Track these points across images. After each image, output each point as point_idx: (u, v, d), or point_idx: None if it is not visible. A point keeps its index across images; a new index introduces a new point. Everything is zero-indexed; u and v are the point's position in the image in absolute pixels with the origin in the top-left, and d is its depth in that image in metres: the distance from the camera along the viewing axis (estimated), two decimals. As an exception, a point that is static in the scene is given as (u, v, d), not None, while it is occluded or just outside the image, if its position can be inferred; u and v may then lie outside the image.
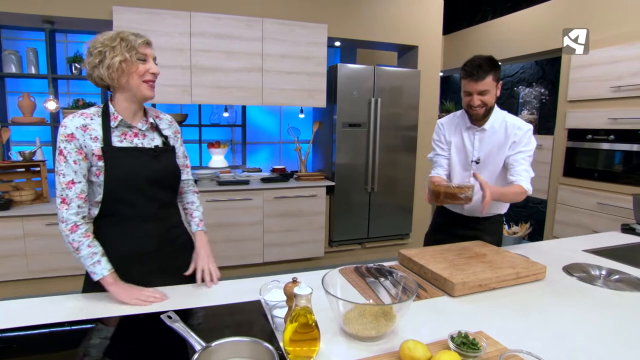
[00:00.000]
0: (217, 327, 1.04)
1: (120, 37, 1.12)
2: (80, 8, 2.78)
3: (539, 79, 4.25)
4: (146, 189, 1.20)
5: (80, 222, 1.13)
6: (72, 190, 1.12)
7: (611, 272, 1.43)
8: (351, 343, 0.95)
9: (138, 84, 1.15)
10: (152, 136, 1.26)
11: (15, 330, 0.95)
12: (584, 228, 3.18)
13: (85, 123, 1.14)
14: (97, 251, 1.13)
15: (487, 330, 0.99)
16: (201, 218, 1.42)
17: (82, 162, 1.13)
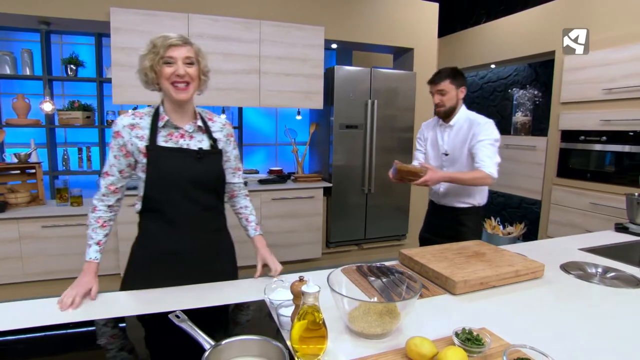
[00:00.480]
0: (224, 327, 1.05)
1: (152, 40, 1.16)
2: (77, 9, 2.77)
3: (532, 81, 4.32)
4: (186, 189, 1.22)
5: (100, 207, 1.24)
6: (104, 180, 1.23)
7: (607, 269, 1.46)
8: (357, 341, 0.96)
9: (167, 87, 1.17)
10: (200, 138, 1.27)
11: (22, 333, 0.95)
12: (578, 228, 3.23)
13: (134, 122, 1.20)
14: (95, 238, 1.22)
15: (489, 326, 1.00)
16: (257, 222, 1.47)
17: (122, 158, 1.21)
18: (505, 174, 4.06)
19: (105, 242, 1.25)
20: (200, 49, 1.25)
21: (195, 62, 1.19)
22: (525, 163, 3.80)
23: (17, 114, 3.23)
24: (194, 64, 1.19)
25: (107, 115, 3.55)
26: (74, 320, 1.00)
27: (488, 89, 4.93)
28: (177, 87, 1.17)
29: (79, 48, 3.52)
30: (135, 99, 2.96)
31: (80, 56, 3.41)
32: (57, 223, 2.72)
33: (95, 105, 3.49)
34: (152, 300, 1.14)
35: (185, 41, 1.18)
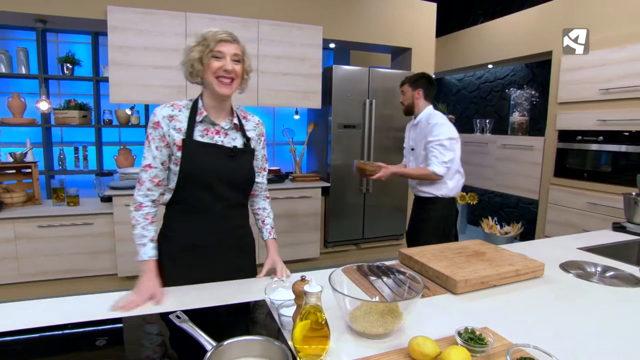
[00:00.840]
0: (225, 327, 1.04)
1: (202, 33, 1.17)
2: (74, 7, 2.74)
3: (529, 81, 4.34)
4: (217, 186, 1.23)
5: (145, 204, 1.21)
6: (147, 173, 1.21)
7: (606, 268, 1.47)
8: (359, 341, 0.95)
9: (212, 80, 1.17)
10: (235, 136, 1.28)
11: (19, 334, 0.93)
12: (575, 227, 3.25)
13: (173, 114, 1.20)
14: (148, 235, 1.19)
15: (491, 326, 1.00)
16: (272, 225, 1.45)
17: (163, 149, 1.20)
18: (502, 173, 4.08)
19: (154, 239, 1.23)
20: (246, 48, 1.26)
21: (241, 60, 1.21)
22: (522, 163, 3.81)
23: (12, 113, 3.19)
24: (240, 61, 1.21)
25: (104, 115, 3.53)
26: (72, 321, 0.99)
27: (485, 89, 4.94)
28: (222, 82, 1.18)
29: (75, 47, 3.49)
30: (132, 97, 2.94)
31: (76, 55, 3.38)
32: (53, 223, 2.70)
33: (91, 105, 3.47)
34: (151, 300, 1.13)
35: (235, 38, 1.20)
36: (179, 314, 0.92)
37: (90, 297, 1.14)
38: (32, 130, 3.38)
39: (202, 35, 1.16)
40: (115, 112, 3.48)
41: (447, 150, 2.21)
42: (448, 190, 2.32)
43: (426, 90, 2.38)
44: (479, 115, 4.91)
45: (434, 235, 2.32)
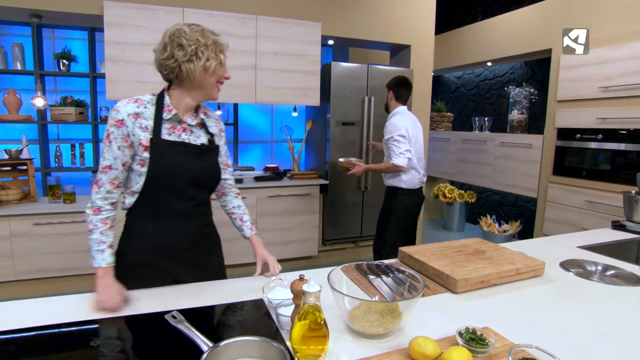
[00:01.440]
0: (221, 327, 1.03)
1: (213, 40, 1.12)
2: (71, 2, 2.71)
3: (529, 79, 4.33)
4: (186, 186, 1.19)
5: (104, 207, 1.14)
6: (106, 174, 1.13)
7: (607, 267, 1.46)
8: (358, 341, 0.94)
9: (213, 86, 1.17)
10: (199, 133, 1.24)
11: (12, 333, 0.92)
12: (574, 226, 3.25)
13: (139, 111, 1.13)
14: (106, 241, 1.12)
15: (492, 325, 0.99)
16: (252, 221, 1.42)
17: (126, 149, 1.12)
18: (501, 171, 4.07)
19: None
20: None
21: None
22: (521, 161, 3.81)
23: (8, 109, 3.16)
24: None
25: (101, 111, 3.49)
26: (66, 321, 0.97)
27: (484, 86, 4.93)
28: (219, 88, 1.20)
29: (71, 43, 3.45)
30: (129, 94, 2.89)
31: (73, 51, 3.35)
32: (49, 220, 2.67)
33: (88, 101, 3.43)
34: (147, 300, 1.11)
35: None
36: (174, 314, 0.91)
37: (84, 297, 1.12)
38: (28, 127, 3.35)
39: (213, 41, 1.12)
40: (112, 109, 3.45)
41: (401, 143, 2.54)
42: (403, 182, 2.65)
43: (396, 92, 2.69)
44: (478, 113, 4.90)
45: (397, 223, 2.70)
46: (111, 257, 1.12)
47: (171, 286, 1.20)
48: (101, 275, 1.09)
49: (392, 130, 2.58)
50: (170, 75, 1.14)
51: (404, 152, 2.53)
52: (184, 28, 1.11)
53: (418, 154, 2.68)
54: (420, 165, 2.71)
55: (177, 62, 1.09)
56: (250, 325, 1.06)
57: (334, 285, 0.96)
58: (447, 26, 5.01)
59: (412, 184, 2.67)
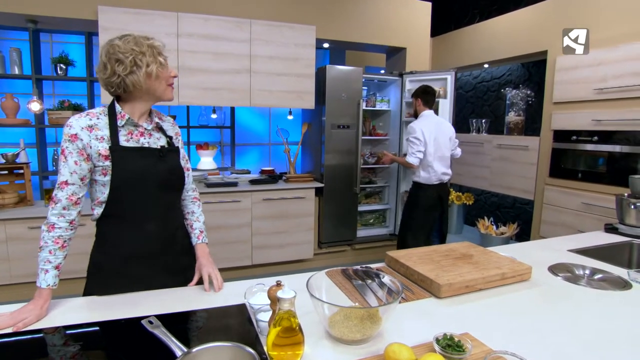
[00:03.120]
0: (201, 332, 1.03)
1: (148, 45, 1.13)
2: (65, 7, 2.73)
3: (525, 80, 4.32)
4: (152, 189, 1.18)
5: (60, 225, 1.10)
6: (63, 191, 1.10)
7: (595, 271, 1.45)
8: (337, 347, 0.94)
9: (164, 88, 1.18)
10: (158, 136, 1.25)
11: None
12: (570, 228, 3.23)
13: (92, 123, 1.12)
14: (53, 262, 1.09)
15: (473, 331, 0.99)
16: (202, 229, 1.38)
17: (83, 163, 1.11)
18: (498, 173, 4.06)
19: (62, 266, 1.11)
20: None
21: None
22: (517, 163, 3.79)
23: (5, 113, 3.18)
24: None
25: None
26: (40, 327, 0.98)
27: (482, 88, 4.92)
28: (172, 87, 1.21)
29: (69, 47, 3.48)
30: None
31: (70, 55, 3.37)
32: (44, 224, 2.68)
33: (85, 105, 3.46)
34: (127, 304, 1.12)
35: None
36: (151, 319, 0.91)
37: (65, 301, 1.13)
38: (27, 130, 3.37)
39: (148, 45, 1.12)
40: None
41: (414, 144, 2.92)
42: (421, 178, 3.02)
43: (424, 98, 3.04)
44: (475, 115, 4.89)
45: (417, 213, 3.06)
46: (53, 279, 1.08)
47: (154, 290, 1.21)
48: (36, 296, 1.05)
49: (410, 132, 2.99)
50: (118, 91, 1.14)
51: (415, 152, 2.90)
52: (116, 42, 1.11)
53: (439, 152, 2.99)
54: (444, 164, 3.03)
55: (120, 77, 1.10)
56: (231, 330, 1.06)
57: (313, 292, 0.96)
58: (444, 28, 5.01)
59: (429, 180, 2.99)
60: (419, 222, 3.07)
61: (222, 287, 1.24)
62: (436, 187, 3.02)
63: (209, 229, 2.98)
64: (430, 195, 3.02)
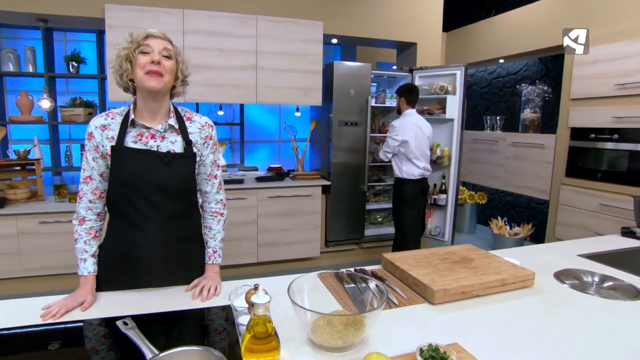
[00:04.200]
0: (180, 334, 1.01)
1: (131, 33, 1.12)
2: (73, 6, 2.77)
3: (543, 76, 4.15)
4: (149, 194, 1.14)
5: (89, 217, 1.18)
6: (87, 185, 1.17)
7: (604, 278, 1.37)
8: (317, 353, 0.91)
9: (141, 77, 1.09)
10: (173, 138, 1.18)
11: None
12: (587, 230, 3.09)
13: (106, 123, 1.15)
14: (89, 250, 1.17)
15: (464, 341, 0.93)
16: (215, 249, 1.29)
17: (99, 160, 1.15)
18: (512, 172, 3.93)
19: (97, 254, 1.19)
20: (181, 52, 1.19)
21: (173, 57, 1.14)
22: (533, 161, 3.66)
23: (20, 110, 3.26)
24: (171, 58, 1.13)
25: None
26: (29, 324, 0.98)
27: (497, 84, 4.77)
28: (152, 75, 1.08)
29: (81, 45, 3.54)
30: (128, 96, 2.94)
31: (82, 53, 3.43)
32: (55, 219, 2.75)
33: (97, 102, 3.51)
34: (113, 303, 1.11)
35: (166, 36, 1.15)
36: (126, 320, 0.89)
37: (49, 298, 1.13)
38: (41, 127, 3.45)
39: (130, 35, 1.12)
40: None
41: (390, 141, 3.10)
42: (404, 173, 3.13)
43: (407, 97, 3.14)
44: (490, 112, 4.75)
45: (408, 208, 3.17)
46: (93, 265, 1.17)
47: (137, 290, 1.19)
48: (80, 284, 1.14)
49: (390, 130, 3.13)
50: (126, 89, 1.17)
51: (387, 150, 3.14)
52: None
53: (419, 150, 3.09)
54: (425, 160, 3.15)
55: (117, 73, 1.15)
56: (214, 333, 1.03)
57: (295, 297, 0.93)
58: (459, 22, 4.87)
59: (412, 175, 3.11)
60: (412, 215, 3.17)
61: (210, 298, 1.16)
62: (419, 181, 3.14)
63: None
64: (415, 190, 3.15)
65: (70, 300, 1.08)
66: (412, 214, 3.15)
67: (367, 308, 1.05)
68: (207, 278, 1.24)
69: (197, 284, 1.21)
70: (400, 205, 3.19)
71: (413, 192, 3.14)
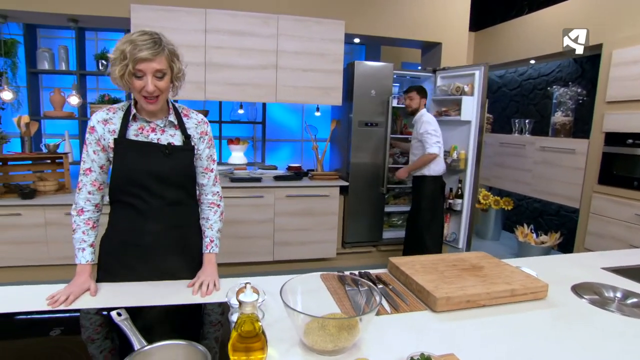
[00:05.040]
0: (175, 327, 1.02)
1: (121, 49, 1.06)
2: (101, 6, 2.89)
3: (577, 78, 3.94)
4: (151, 184, 1.20)
5: (87, 208, 1.22)
6: (87, 176, 1.21)
7: (628, 294, 1.27)
8: (308, 355, 0.89)
9: (138, 98, 1.14)
10: (172, 132, 1.24)
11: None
12: (619, 241, 2.90)
13: (107, 117, 1.20)
14: (87, 240, 1.21)
15: (462, 352, 0.89)
16: (212, 238, 1.33)
17: (100, 152, 1.20)
18: (540, 178, 3.75)
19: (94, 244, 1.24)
20: (175, 50, 1.16)
21: (167, 71, 1.12)
22: (563, 167, 3.47)
23: (53, 106, 3.44)
24: (165, 74, 1.12)
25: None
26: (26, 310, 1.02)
27: (527, 86, 4.57)
28: (147, 100, 1.13)
29: (111, 44, 3.68)
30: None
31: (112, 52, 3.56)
32: (80, 211, 2.86)
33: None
34: (113, 294, 1.14)
35: (156, 52, 1.07)
36: (120, 312, 0.91)
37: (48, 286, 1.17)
38: (72, 122, 3.62)
39: (120, 50, 1.06)
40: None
41: (433, 136, 3.01)
42: (432, 170, 3.08)
43: (425, 96, 3.19)
44: (520, 115, 4.55)
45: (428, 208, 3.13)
46: (90, 255, 1.20)
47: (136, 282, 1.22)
48: (78, 272, 1.18)
49: (426, 126, 3.04)
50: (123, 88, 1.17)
51: (437, 141, 3.02)
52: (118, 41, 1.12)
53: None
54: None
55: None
56: (208, 328, 1.04)
57: (287, 299, 0.91)
58: (489, 21, 4.70)
59: (439, 171, 3.10)
60: (436, 216, 3.12)
61: (210, 294, 1.18)
62: (440, 177, 3.16)
63: (231, 222, 3.06)
64: (438, 187, 3.14)
65: (75, 287, 1.12)
66: (435, 214, 3.13)
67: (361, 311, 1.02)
68: (205, 273, 1.26)
69: (196, 280, 1.23)
70: (424, 204, 3.13)
71: (438, 190, 3.13)
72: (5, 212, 2.76)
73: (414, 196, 3.26)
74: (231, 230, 3.08)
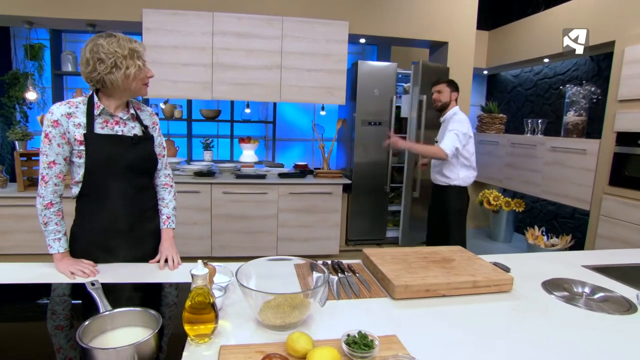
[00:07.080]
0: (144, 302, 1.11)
1: (130, 48, 1.22)
2: (116, 12, 3.08)
3: (594, 76, 3.81)
4: (123, 173, 1.31)
5: (55, 200, 1.29)
6: (52, 169, 1.26)
7: (596, 290, 1.26)
8: (259, 330, 0.96)
9: (140, 87, 1.30)
10: (133, 125, 1.36)
11: None
12: (631, 245, 2.80)
13: (70, 111, 1.25)
14: (61, 230, 1.31)
15: (410, 336, 0.93)
16: (169, 215, 1.47)
17: (65, 145, 1.26)
18: (550, 179, 3.66)
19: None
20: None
21: None
22: (573, 168, 3.37)
23: (76, 106, 3.67)
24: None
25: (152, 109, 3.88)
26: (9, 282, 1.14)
27: (543, 85, 4.45)
28: (147, 85, 1.33)
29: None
30: (162, 93, 3.20)
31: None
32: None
33: (139, 98, 3.83)
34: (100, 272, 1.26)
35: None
36: (94, 282, 1.02)
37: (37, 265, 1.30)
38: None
39: (132, 49, 1.22)
40: (161, 106, 3.81)
41: (458, 140, 2.57)
42: (459, 179, 2.71)
43: (458, 92, 2.79)
44: (535, 115, 4.44)
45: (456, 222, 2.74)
46: (66, 243, 1.30)
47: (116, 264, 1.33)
48: (59, 258, 1.28)
49: (459, 126, 2.59)
50: (97, 85, 1.26)
51: (457, 147, 2.57)
52: (101, 41, 1.20)
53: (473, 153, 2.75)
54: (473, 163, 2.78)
55: (99, 74, 1.21)
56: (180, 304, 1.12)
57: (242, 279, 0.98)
58: (503, 20, 4.62)
59: (469, 181, 2.77)
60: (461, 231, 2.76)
61: (177, 267, 1.34)
62: (466, 188, 2.81)
63: (236, 218, 3.16)
64: (465, 198, 2.79)
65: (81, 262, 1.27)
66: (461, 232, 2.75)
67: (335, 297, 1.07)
68: (166, 248, 1.39)
69: (160, 256, 1.36)
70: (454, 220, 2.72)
71: (467, 201, 2.79)
72: (28, 203, 2.98)
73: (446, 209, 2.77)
74: (236, 225, 3.19)
